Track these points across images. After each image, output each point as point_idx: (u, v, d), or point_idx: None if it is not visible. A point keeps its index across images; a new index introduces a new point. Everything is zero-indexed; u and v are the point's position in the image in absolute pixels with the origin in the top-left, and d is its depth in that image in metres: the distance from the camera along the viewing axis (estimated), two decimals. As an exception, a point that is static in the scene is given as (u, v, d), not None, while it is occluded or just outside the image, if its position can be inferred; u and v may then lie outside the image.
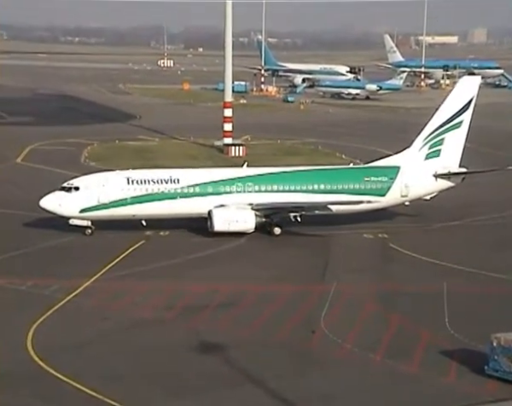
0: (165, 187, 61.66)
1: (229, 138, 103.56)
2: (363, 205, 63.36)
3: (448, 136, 66.19)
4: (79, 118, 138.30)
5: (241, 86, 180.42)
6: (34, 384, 36.87)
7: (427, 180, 66.09)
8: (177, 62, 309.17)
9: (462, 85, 67.71)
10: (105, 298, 48.52)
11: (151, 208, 61.32)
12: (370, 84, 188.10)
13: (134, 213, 61.25)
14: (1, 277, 51.37)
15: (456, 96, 66.78)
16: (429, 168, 65.94)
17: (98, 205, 60.29)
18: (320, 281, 52.40)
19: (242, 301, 48.46)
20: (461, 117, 66.38)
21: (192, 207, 61.67)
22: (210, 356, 40.17)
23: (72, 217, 60.36)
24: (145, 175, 62.81)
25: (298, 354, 40.78)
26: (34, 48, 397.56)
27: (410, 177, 65.31)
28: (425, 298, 49.56)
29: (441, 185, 66.90)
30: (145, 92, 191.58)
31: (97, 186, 60.62)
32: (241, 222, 60.80)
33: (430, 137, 66.28)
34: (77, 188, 60.33)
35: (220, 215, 60.62)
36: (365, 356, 40.35)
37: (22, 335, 41.81)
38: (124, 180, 61.51)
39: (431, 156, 66.32)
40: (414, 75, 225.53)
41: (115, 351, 40.76)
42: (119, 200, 60.72)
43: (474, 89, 66.75)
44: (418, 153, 66.39)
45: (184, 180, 62.26)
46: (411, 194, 65.67)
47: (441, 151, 66.28)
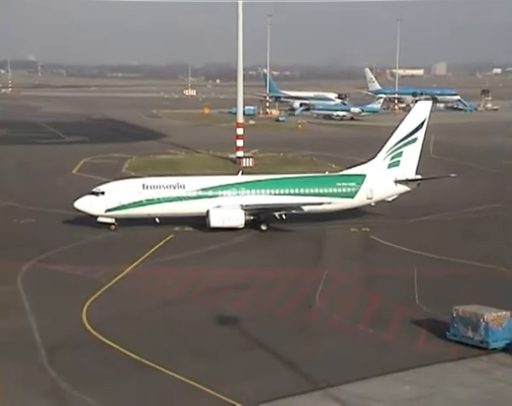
0: (174, 191, 61.85)
1: (241, 152, 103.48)
2: (336, 205, 63.60)
3: (406, 149, 66.02)
4: (122, 137, 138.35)
5: (250, 110, 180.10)
6: (89, 349, 37.01)
7: (389, 185, 65.86)
8: (199, 91, 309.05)
9: (417, 109, 67.55)
10: (143, 281, 48.53)
11: (162, 208, 61.38)
12: (354, 108, 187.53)
13: (148, 213, 61.41)
14: (60, 265, 51.51)
15: (412, 117, 66.62)
16: (390, 175, 65.81)
17: (119, 206, 60.63)
18: (315, 267, 52.26)
19: (253, 283, 48.37)
20: (416, 134, 66.18)
21: (194, 208, 61.54)
22: (226, 327, 40.17)
23: (99, 215, 60.74)
24: (157, 181, 63.01)
25: (298, 325, 40.73)
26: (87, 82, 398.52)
27: (375, 183, 65.07)
28: (400, 279, 49.38)
29: (400, 189, 66.68)
30: (173, 116, 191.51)
31: (119, 191, 61.11)
32: (233, 219, 60.69)
33: (391, 150, 66.14)
34: (103, 193, 60.78)
35: (216, 213, 60.52)
36: (352, 327, 40.27)
37: (78, 311, 41.97)
38: (140, 185, 61.93)
39: (392, 165, 66.13)
40: (389, 100, 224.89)
41: (152, 324, 40.81)
42: (136, 202, 61.00)
43: (427, 112, 66.69)
44: (382, 163, 66.19)
45: (189, 185, 62.33)
46: (375, 197, 65.55)
47: (400, 161, 66.10)
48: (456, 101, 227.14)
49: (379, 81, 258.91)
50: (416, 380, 33.49)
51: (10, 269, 49.89)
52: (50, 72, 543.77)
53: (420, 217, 68.25)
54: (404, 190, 67.06)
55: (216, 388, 32.53)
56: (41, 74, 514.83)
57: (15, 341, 37.74)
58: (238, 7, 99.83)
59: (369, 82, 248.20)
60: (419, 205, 71.96)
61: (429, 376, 33.99)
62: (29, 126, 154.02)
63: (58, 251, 55.42)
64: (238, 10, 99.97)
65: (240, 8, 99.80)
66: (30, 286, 46.72)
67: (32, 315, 41.40)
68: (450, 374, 34.36)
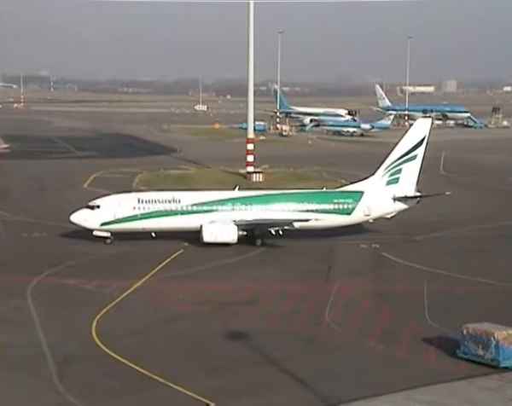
0: (169, 206, 61.79)
1: (251, 167, 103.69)
2: (332, 221, 63.37)
3: (405, 166, 65.29)
4: (132, 151, 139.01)
5: (260, 126, 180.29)
6: (98, 363, 37.00)
7: (387, 202, 65.13)
8: (209, 107, 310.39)
9: (417, 126, 66.84)
10: (153, 295, 48.59)
11: (157, 223, 61.40)
12: (364, 124, 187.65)
13: (143, 227, 61.48)
14: (70, 279, 51.62)
15: (412, 134, 65.96)
16: (389, 192, 65.12)
17: (114, 220, 60.79)
18: (325, 282, 52.19)
19: (262, 298, 48.34)
20: (416, 151, 65.45)
21: (189, 223, 61.45)
22: (236, 342, 40.10)
23: (94, 229, 60.94)
24: (153, 196, 63.11)
25: (307, 341, 40.61)
26: (98, 97, 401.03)
27: (372, 200, 64.49)
28: (409, 295, 49.20)
29: (399, 206, 65.86)
30: (184, 131, 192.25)
31: (114, 205, 61.22)
32: (226, 235, 60.45)
33: (390, 167, 65.42)
34: (98, 207, 61.01)
35: (208, 229, 60.37)
36: (362, 343, 40.10)
37: (88, 324, 42.02)
38: (135, 200, 61.97)
39: (391, 182, 65.34)
40: (399, 117, 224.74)
41: (162, 338, 40.77)
42: (131, 216, 61.12)
43: (427, 129, 66.01)
44: (380, 180, 65.54)
45: (184, 200, 62.24)
46: (373, 214, 64.94)
47: (399, 179, 65.35)
48: (467, 118, 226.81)
49: (389, 98, 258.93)
50: (427, 398, 33.21)
51: (20, 283, 50.04)
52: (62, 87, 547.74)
53: (430, 233, 68.05)
54: (403, 208, 66.14)
55: (225, 404, 32.40)
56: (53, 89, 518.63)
57: (25, 355, 37.77)
58: (249, 23, 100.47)
59: (379, 98, 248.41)
60: (428, 221, 71.86)
61: (439, 394, 33.71)
62: (41, 141, 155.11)
63: (68, 265, 55.60)
64: (249, 26, 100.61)
65: (251, 25, 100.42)
66: (40, 300, 46.82)
67: (42, 329, 41.47)
68: (460, 392, 34.06)
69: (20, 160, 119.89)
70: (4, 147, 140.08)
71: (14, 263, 56.20)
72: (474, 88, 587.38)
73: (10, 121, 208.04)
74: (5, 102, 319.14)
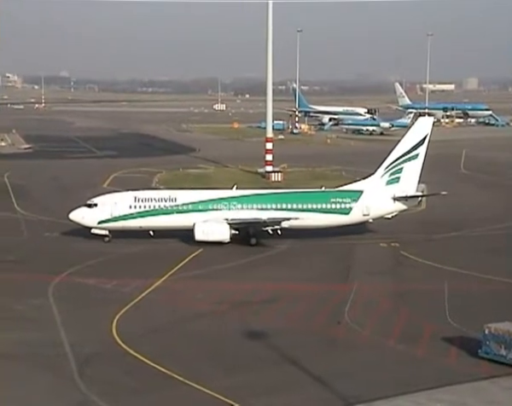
0: (165, 204, 62.06)
1: (269, 166, 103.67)
2: (330, 220, 62.90)
3: (406, 165, 64.38)
4: (152, 151, 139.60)
5: (279, 125, 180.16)
6: (118, 361, 37.24)
7: (386, 202, 64.20)
8: (228, 106, 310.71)
9: (419, 124, 65.71)
10: (172, 294, 48.79)
11: (153, 221, 61.73)
12: (384, 123, 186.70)
13: (140, 225, 61.85)
14: (91, 278, 51.99)
15: (413, 134, 64.99)
16: (388, 192, 64.21)
17: (111, 219, 61.33)
18: (344, 282, 52.04)
19: (281, 297, 48.32)
20: (417, 150, 64.46)
21: (184, 221, 61.49)
22: (255, 340, 40.15)
23: (92, 227, 61.57)
24: (149, 194, 63.44)
25: (327, 340, 40.54)
26: (118, 97, 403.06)
27: (371, 200, 63.67)
28: (430, 295, 48.94)
29: (399, 207, 64.88)
30: (203, 130, 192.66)
31: (111, 203, 61.71)
32: (217, 233, 60.42)
33: (391, 167, 64.54)
34: (96, 205, 61.55)
35: (200, 227, 60.40)
36: (381, 342, 39.97)
37: (108, 323, 42.31)
38: (132, 198, 62.31)
39: (391, 182, 64.45)
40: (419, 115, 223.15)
41: (182, 336, 40.95)
42: (128, 214, 61.58)
43: (428, 128, 64.92)
44: (380, 180, 64.66)
45: (180, 199, 62.43)
46: (372, 214, 64.07)
47: (400, 178, 64.43)
48: (488, 116, 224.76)
49: (409, 96, 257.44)
50: (448, 398, 33.02)
51: (42, 282, 50.52)
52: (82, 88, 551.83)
53: (449, 232, 67.57)
54: (403, 207, 65.13)
55: (245, 403, 32.46)
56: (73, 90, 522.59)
57: (47, 353, 38.14)
58: (268, 22, 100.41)
59: (399, 97, 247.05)
60: (448, 220, 71.35)
61: (461, 394, 33.49)
62: (62, 141, 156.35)
63: (88, 264, 55.98)
64: (268, 25, 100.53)
65: (269, 24, 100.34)
66: (61, 299, 47.23)
67: (63, 328, 41.84)
68: (482, 392, 33.83)
69: (41, 160, 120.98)
70: (26, 148, 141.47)
71: (35, 262, 56.75)
72: (495, 85, 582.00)
73: (32, 121, 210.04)
74: (27, 103, 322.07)
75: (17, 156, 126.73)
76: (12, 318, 43.46)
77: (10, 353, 37.97)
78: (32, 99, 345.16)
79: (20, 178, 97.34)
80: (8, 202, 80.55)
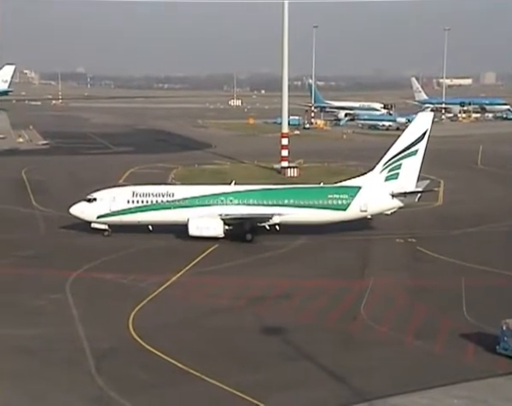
0: (162, 199, 62.52)
1: (285, 162, 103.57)
2: (327, 216, 62.58)
3: (405, 161, 63.48)
4: (167, 147, 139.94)
5: (295, 120, 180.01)
6: (135, 357, 37.42)
7: (384, 198, 63.38)
8: (244, 102, 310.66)
9: (419, 120, 64.62)
10: (188, 290, 48.90)
11: (151, 216, 62.19)
12: (400, 118, 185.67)
13: (138, 220, 62.39)
14: (108, 273, 52.27)
15: (413, 129, 64.12)
16: (386, 188, 63.43)
17: (110, 213, 62.08)
18: (360, 278, 51.88)
19: (297, 293, 48.28)
20: (416, 146, 63.50)
21: (181, 216, 61.66)
22: (271, 336, 40.16)
23: (91, 221, 62.41)
24: (147, 189, 63.77)
25: (342, 336, 40.46)
26: (134, 93, 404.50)
27: (369, 196, 63.02)
28: (447, 290, 48.67)
29: (398, 203, 63.94)
30: (219, 126, 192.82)
31: (109, 198, 62.40)
32: (211, 228, 60.52)
33: (390, 163, 63.76)
34: (95, 199, 62.32)
35: (194, 223, 60.60)
36: (398, 338, 39.82)
37: (125, 318, 42.53)
38: (130, 193, 62.90)
39: (390, 178, 63.65)
40: (436, 110, 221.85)
41: (198, 332, 41.06)
42: (126, 209, 62.21)
43: (428, 124, 63.92)
44: (379, 176, 63.96)
45: (177, 194, 62.80)
46: (370, 210, 63.35)
47: (399, 174, 63.57)
48: (506, 110, 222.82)
49: (426, 91, 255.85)
50: (466, 395, 32.86)
51: (59, 277, 50.87)
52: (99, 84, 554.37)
53: (466, 228, 67.10)
54: (402, 204, 64.22)
55: (261, 399, 32.49)
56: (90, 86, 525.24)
57: (64, 348, 38.44)
58: (284, 18, 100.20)
59: (415, 92, 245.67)
60: (465, 215, 70.84)
61: (478, 391, 33.31)
62: (78, 137, 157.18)
63: (105, 260, 56.26)
64: (283, 21, 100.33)
65: (285, 19, 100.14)
66: (78, 294, 47.53)
67: (80, 322, 42.12)
68: (499, 389, 33.63)
69: (58, 156, 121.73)
70: (43, 144, 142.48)
71: (52, 257, 57.11)
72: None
73: (49, 118, 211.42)
74: (44, 99, 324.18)
75: (34, 152, 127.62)
76: (29, 313, 43.81)
77: (28, 348, 38.28)
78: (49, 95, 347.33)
79: (37, 174, 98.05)
80: (25, 198, 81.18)
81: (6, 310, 44.25)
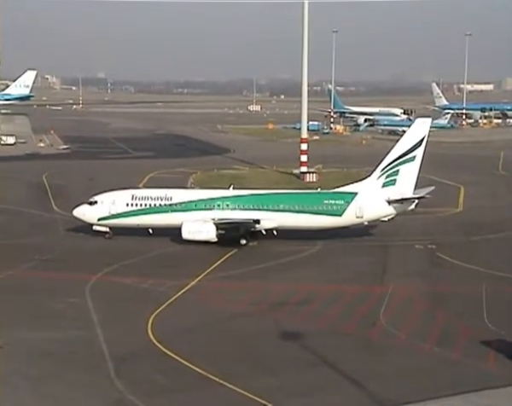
0: (160, 203, 63.18)
1: (304, 167, 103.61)
2: (322, 222, 62.41)
3: (403, 168, 62.98)
4: (187, 152, 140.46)
5: (314, 126, 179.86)
6: (154, 361, 37.59)
7: (381, 204, 62.79)
8: (263, 107, 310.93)
9: (416, 126, 64.14)
10: (207, 294, 49.03)
11: (149, 219, 62.96)
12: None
13: (138, 223, 63.26)
14: (127, 277, 52.57)
15: (410, 135, 63.63)
16: (383, 194, 62.87)
17: (109, 216, 63.16)
18: (379, 284, 51.69)
19: (316, 299, 48.23)
20: (414, 152, 63.00)
21: (178, 220, 61.98)
22: (290, 342, 40.14)
23: (93, 224, 63.73)
24: (146, 193, 64.68)
25: (361, 342, 40.34)
26: (153, 98, 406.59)
27: (365, 202, 62.56)
28: (467, 297, 48.32)
29: (395, 209, 63.22)
30: (238, 131, 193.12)
31: (109, 201, 63.41)
32: (204, 232, 60.74)
33: (387, 169, 63.32)
34: (96, 202, 63.55)
35: (186, 226, 60.90)
36: (417, 345, 39.61)
37: (144, 322, 42.75)
38: (129, 196, 63.74)
39: (388, 184, 63.12)
40: (456, 116, 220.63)
41: (216, 337, 41.15)
42: (125, 212, 63.13)
43: (426, 130, 63.44)
44: (376, 182, 63.53)
45: (175, 198, 63.36)
46: (366, 216, 62.86)
47: (397, 180, 63.05)
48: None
49: (446, 96, 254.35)
50: (486, 403, 32.62)
51: (79, 281, 51.26)
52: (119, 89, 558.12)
53: (486, 234, 66.57)
54: (400, 210, 63.43)
55: (279, 404, 32.48)
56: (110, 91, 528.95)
57: (83, 351, 38.72)
58: (303, 23, 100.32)
59: (435, 97, 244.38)
60: (486, 222, 70.30)
61: (498, 399, 33.04)
62: (98, 141, 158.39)
63: (125, 263, 56.60)
64: (303, 26, 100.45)
65: (305, 24, 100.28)
66: (98, 298, 47.86)
67: (100, 326, 42.41)
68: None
69: (78, 161, 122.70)
70: (64, 148, 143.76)
71: (72, 261, 57.58)
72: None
73: (69, 122, 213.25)
74: (65, 104, 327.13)
75: (55, 157, 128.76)
76: (50, 317, 44.20)
77: (48, 351, 38.59)
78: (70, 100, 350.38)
79: (57, 178, 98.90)
80: (46, 202, 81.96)
81: (26, 314, 44.65)
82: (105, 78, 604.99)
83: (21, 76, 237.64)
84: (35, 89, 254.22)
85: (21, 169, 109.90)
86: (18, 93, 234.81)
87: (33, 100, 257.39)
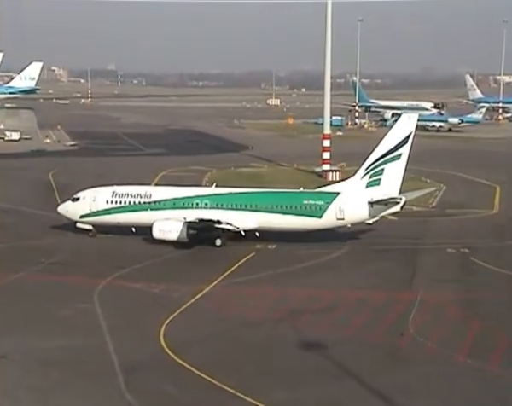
0: (140, 200, 64.22)
1: (327, 165, 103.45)
2: (300, 223, 62.22)
3: (388, 167, 62.11)
4: (201, 148, 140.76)
5: (337, 120, 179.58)
6: (166, 371, 37.63)
7: (362, 206, 61.94)
8: (283, 101, 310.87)
9: (402, 122, 63.18)
10: (223, 301, 49.07)
11: (129, 217, 64.01)
12: (452, 118, 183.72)
13: (118, 221, 64.41)
14: (138, 282, 52.74)
15: (396, 132, 62.74)
16: (365, 195, 62.03)
17: (91, 213, 64.70)
18: (408, 290, 51.39)
19: (339, 305, 48.05)
20: (400, 150, 62.08)
21: (155, 218, 62.47)
22: (311, 352, 40.03)
23: (75, 221, 65.50)
24: (126, 190, 65.47)
25: (388, 352, 40.11)
26: (166, 91, 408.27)
27: (347, 203, 61.89)
28: (503, 304, 47.89)
29: (378, 211, 62.26)
30: (256, 126, 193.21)
31: (90, 198, 64.86)
32: (174, 232, 61.22)
33: (371, 168, 62.52)
34: (78, 199, 65.15)
35: (157, 226, 61.51)
36: (449, 356, 39.31)
37: (156, 330, 42.82)
38: (110, 193, 64.92)
39: (371, 184, 62.35)
40: (492, 110, 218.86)
41: (232, 346, 41.15)
42: (105, 209, 64.55)
43: (413, 126, 62.48)
44: (360, 182, 62.84)
45: (155, 195, 64.28)
46: (348, 218, 62.10)
47: (381, 180, 62.16)
48: None
49: (481, 89, 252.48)
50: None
51: (87, 286, 51.50)
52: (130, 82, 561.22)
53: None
54: (384, 212, 62.48)
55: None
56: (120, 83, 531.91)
57: (92, 361, 38.88)
58: (327, 11, 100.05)
59: (469, 90, 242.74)
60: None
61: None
62: (108, 137, 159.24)
63: (135, 267, 56.80)
64: (327, 14, 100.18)
65: (329, 12, 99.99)
66: (107, 304, 48.09)
67: (109, 334, 42.56)
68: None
69: (87, 158, 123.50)
70: (71, 144, 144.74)
71: (80, 264, 57.91)
72: None
73: (77, 117, 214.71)
74: (72, 98, 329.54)
75: (62, 153, 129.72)
76: (56, 324, 44.45)
77: (55, 360, 38.82)
78: (78, 93, 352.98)
79: (65, 177, 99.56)
80: (52, 202, 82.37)
81: (32, 320, 44.98)
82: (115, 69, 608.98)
83: (26, 68, 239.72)
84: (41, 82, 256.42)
85: (26, 166, 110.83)
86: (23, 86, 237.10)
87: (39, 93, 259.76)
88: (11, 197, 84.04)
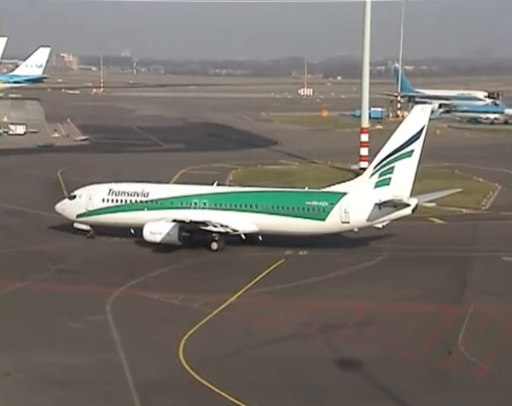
0: (137, 199, 64.93)
1: (365, 162, 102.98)
2: (302, 227, 62.23)
3: (399, 164, 61.37)
4: (225, 144, 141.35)
5: (377, 112, 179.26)
6: (185, 391, 37.76)
7: (369, 208, 61.20)
8: (316, 91, 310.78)
9: (414, 114, 62.56)
10: (248, 313, 49.18)
11: (126, 217, 64.80)
12: (509, 109, 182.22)
13: (115, 221, 65.33)
14: (155, 291, 53.03)
15: (408, 125, 61.92)
16: (373, 196, 61.28)
17: (86, 212, 65.67)
18: (457, 303, 51.07)
19: (378, 319, 47.91)
20: (412, 146, 61.40)
21: (150, 219, 63.07)
22: (347, 371, 39.94)
23: (72, 220, 66.54)
24: (124, 187, 66.33)
25: (435, 373, 39.87)
26: (187, 80, 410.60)
27: (351, 204, 61.32)
28: None
29: (387, 213, 61.45)
30: (286, 119, 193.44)
31: (86, 196, 65.73)
32: (165, 234, 61.67)
33: (381, 166, 61.76)
34: (74, 197, 66.32)
35: (148, 227, 62.05)
36: (505, 379, 38.91)
37: (174, 345, 42.97)
38: (106, 191, 65.84)
39: (381, 184, 61.64)
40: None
41: (259, 364, 41.19)
42: (101, 208, 65.51)
43: (425, 119, 61.84)
44: (368, 181, 62.24)
45: (152, 194, 64.93)
46: (353, 221, 61.51)
47: (391, 179, 61.42)
48: None
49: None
50: None
51: (100, 296, 51.95)
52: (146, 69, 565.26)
53: None
54: (394, 215, 61.63)
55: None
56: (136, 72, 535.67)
57: (105, 379, 39.18)
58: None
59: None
60: None
61: None
62: (122, 131, 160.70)
63: (152, 275, 57.20)
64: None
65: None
66: (121, 316, 48.41)
67: (123, 349, 42.84)
68: None
69: (99, 154, 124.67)
70: (82, 139, 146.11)
71: (91, 272, 58.44)
72: None
73: (88, 109, 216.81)
74: (83, 87, 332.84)
75: (72, 149, 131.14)
76: (66, 338, 44.83)
77: (65, 379, 39.11)
78: (89, 83, 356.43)
79: (75, 175, 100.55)
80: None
81: (38, 335, 45.34)
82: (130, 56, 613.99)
83: (33, 54, 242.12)
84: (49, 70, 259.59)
85: (33, 163, 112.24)
86: (29, 74, 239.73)
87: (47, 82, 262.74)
88: (16, 198, 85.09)
